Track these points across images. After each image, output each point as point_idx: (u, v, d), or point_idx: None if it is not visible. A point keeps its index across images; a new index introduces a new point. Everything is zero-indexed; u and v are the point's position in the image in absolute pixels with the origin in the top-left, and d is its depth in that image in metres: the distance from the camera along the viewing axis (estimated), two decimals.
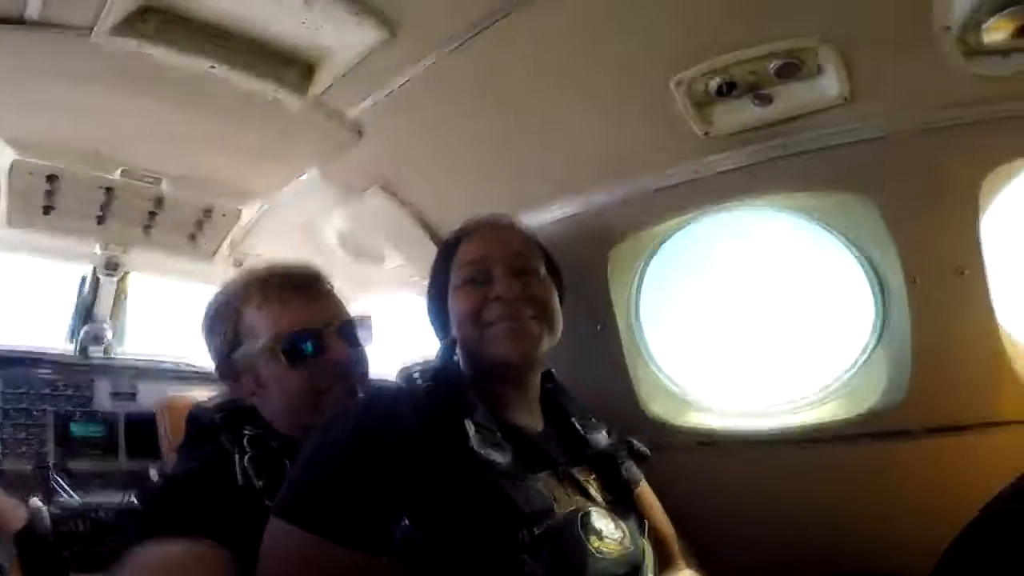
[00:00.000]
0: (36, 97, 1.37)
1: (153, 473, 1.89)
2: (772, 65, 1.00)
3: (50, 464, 1.81)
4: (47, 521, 1.65)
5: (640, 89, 1.15)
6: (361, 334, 1.07)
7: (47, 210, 1.83)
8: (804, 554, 1.28)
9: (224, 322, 1.03)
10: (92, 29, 1.11)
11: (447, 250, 1.06)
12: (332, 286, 1.10)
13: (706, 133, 1.16)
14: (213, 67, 1.23)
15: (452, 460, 0.81)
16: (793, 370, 1.43)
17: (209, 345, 1.07)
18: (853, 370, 1.31)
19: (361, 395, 1.02)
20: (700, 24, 0.99)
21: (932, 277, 1.12)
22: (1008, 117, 0.96)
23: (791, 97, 1.05)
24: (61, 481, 1.79)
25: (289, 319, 0.99)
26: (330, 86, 1.32)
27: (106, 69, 1.24)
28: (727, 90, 1.07)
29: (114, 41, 1.13)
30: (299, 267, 1.08)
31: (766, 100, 1.06)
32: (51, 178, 1.70)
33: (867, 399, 1.24)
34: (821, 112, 1.05)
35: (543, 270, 1.03)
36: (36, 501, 1.69)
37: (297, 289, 1.02)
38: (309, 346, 0.98)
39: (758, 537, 1.31)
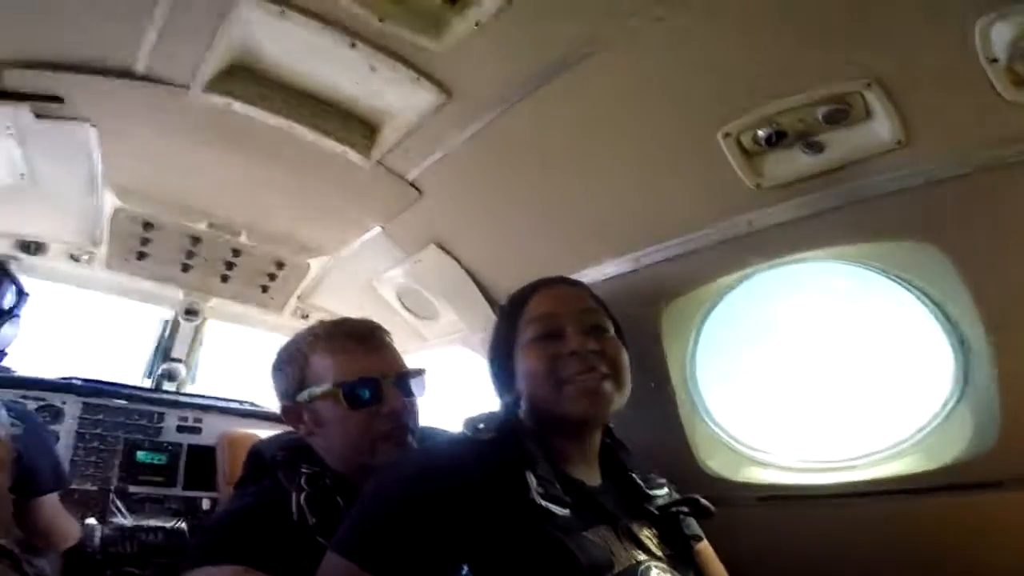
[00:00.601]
0: (138, 148, 1.54)
1: (205, 503, 1.95)
2: (820, 111, 0.99)
3: (112, 487, 1.89)
4: (98, 540, 1.73)
5: (687, 143, 1.16)
6: (415, 386, 1.12)
7: (141, 256, 2.02)
8: None
9: (292, 365, 1.11)
10: (189, 86, 1.27)
11: (514, 307, 1.07)
12: (391, 339, 1.17)
13: (758, 185, 1.15)
14: (292, 126, 1.36)
15: (512, 510, 0.82)
16: (862, 426, 1.33)
17: (276, 386, 1.14)
18: (932, 424, 1.19)
19: (412, 443, 1.06)
20: (743, 74, 1.01)
21: (1016, 323, 1.02)
22: None
23: (843, 143, 1.03)
24: (119, 503, 1.87)
25: (352, 367, 1.06)
26: (392, 147, 1.42)
27: (199, 124, 1.40)
28: (776, 139, 1.06)
29: (207, 97, 1.28)
30: (364, 321, 1.17)
31: (817, 148, 1.04)
32: (147, 226, 1.89)
33: (946, 454, 1.13)
34: (876, 157, 1.02)
35: (612, 329, 1.03)
36: (92, 520, 1.77)
37: (361, 340, 1.10)
38: (368, 393, 1.05)
39: None
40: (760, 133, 1.06)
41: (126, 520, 1.80)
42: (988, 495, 1.08)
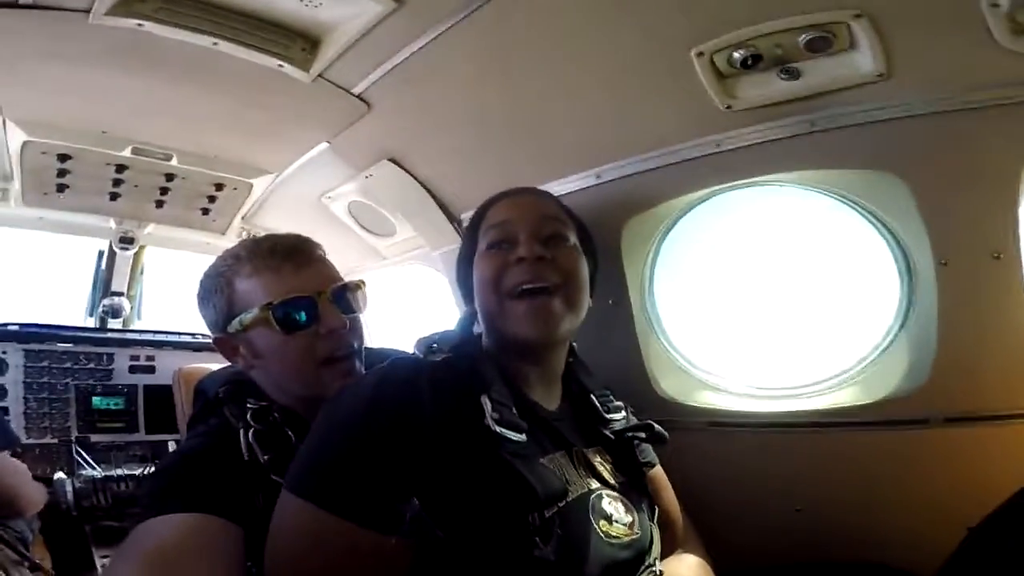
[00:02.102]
0: (40, 78, 1.37)
1: (171, 445, 1.94)
2: (802, 38, 0.94)
3: (72, 438, 1.85)
4: (70, 495, 1.70)
5: (659, 59, 1.09)
6: (356, 301, 1.04)
7: (61, 188, 1.85)
8: (811, 540, 1.28)
9: (217, 293, 1.01)
10: (89, 11, 1.09)
11: (477, 216, 1.03)
12: (324, 252, 1.07)
13: (728, 106, 1.11)
14: (216, 43, 1.22)
15: (466, 437, 0.79)
16: (810, 352, 1.39)
17: (205, 318, 1.05)
18: (874, 354, 1.27)
19: (360, 367, 1.01)
20: None
21: (964, 260, 1.07)
22: None
23: (821, 72, 0.99)
24: (84, 454, 1.83)
25: (281, 286, 0.96)
26: (335, 60, 1.29)
27: (106, 49, 1.23)
28: (753, 63, 1.00)
29: (112, 21, 1.11)
30: (289, 235, 1.05)
31: (794, 74, 1.00)
32: (63, 157, 1.72)
33: (886, 385, 1.21)
34: (853, 88, 0.99)
35: (573, 238, 0.99)
36: (60, 474, 1.75)
37: (287, 256, 0.99)
38: (302, 313, 0.96)
39: (765, 520, 1.30)
40: (736, 55, 1.00)
41: (95, 471, 1.77)
42: (914, 432, 1.16)
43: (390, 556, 0.75)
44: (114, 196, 1.95)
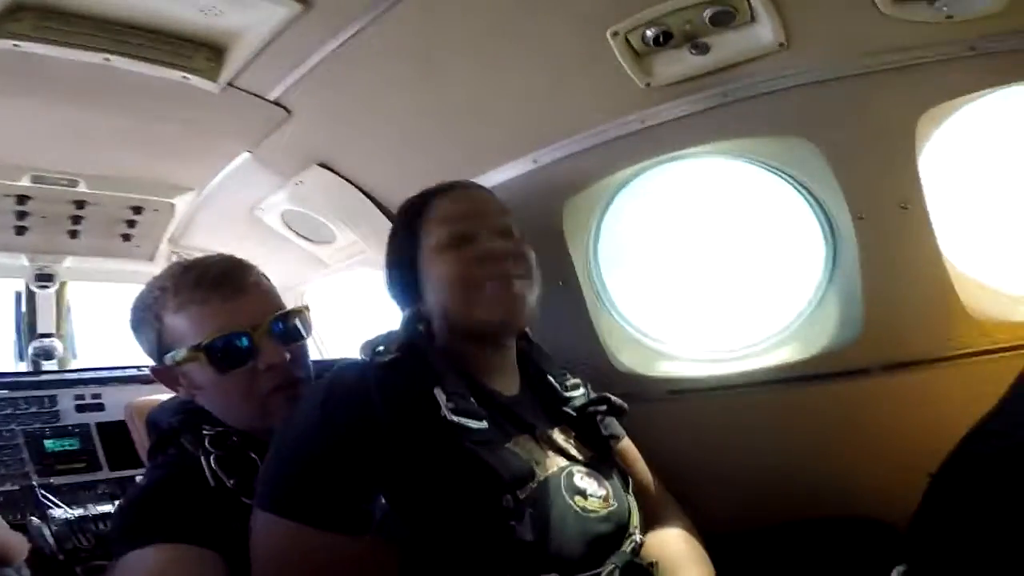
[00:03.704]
0: None
1: (140, 479, 1.87)
2: (706, 13, 0.96)
3: (34, 483, 1.76)
4: (51, 539, 1.63)
5: (578, 42, 1.10)
6: (296, 329, 0.98)
7: None
8: (777, 497, 1.32)
9: (146, 327, 0.95)
10: None
11: (413, 212, 0.99)
12: (259, 278, 1.00)
13: (648, 84, 1.13)
14: (108, 59, 1.13)
15: (425, 432, 0.79)
16: (753, 314, 1.45)
17: (140, 346, 0.99)
18: (807, 311, 1.33)
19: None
20: None
21: (877, 213, 1.13)
22: (938, 61, 0.96)
23: (728, 45, 1.02)
24: (50, 497, 1.75)
25: (211, 322, 0.90)
26: (244, 68, 1.22)
27: None
28: (664, 40, 1.02)
29: None
30: (217, 260, 0.98)
31: (703, 49, 1.03)
32: None
33: (823, 339, 1.27)
34: (758, 59, 1.03)
35: (518, 230, 1.00)
36: (35, 520, 1.67)
37: (214, 286, 0.92)
38: (237, 350, 0.91)
39: (734, 485, 1.34)
40: (649, 33, 1.01)
41: (67, 512, 1.70)
42: (858, 382, 1.23)
43: (373, 557, 0.76)
44: (20, 230, 1.80)
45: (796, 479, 1.30)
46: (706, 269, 1.56)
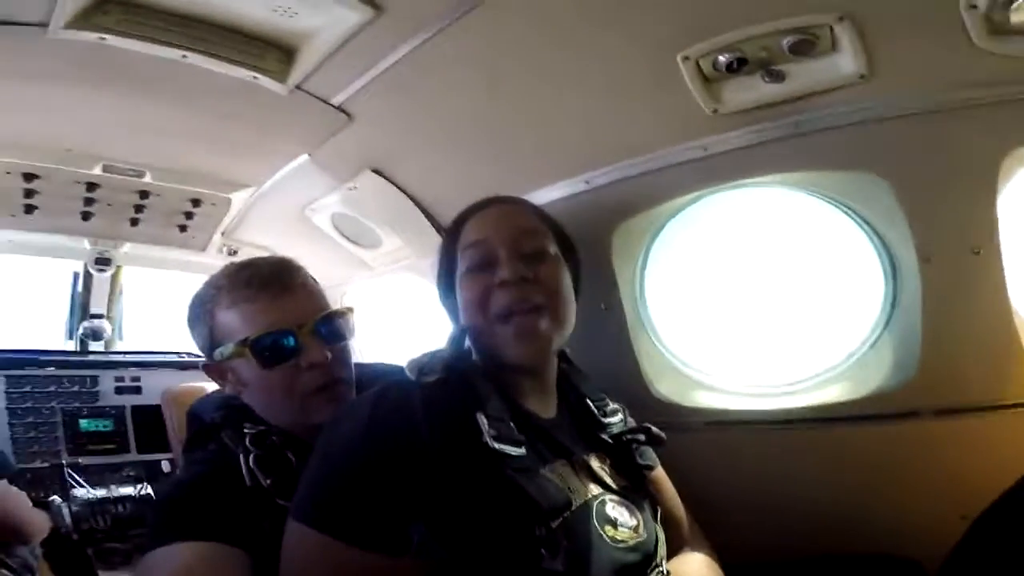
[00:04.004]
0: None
1: (165, 465, 1.92)
2: (786, 41, 0.94)
3: (64, 461, 1.81)
4: (68, 519, 1.68)
5: (645, 65, 1.09)
6: (340, 330, 1.01)
7: (29, 209, 1.79)
8: (814, 535, 1.29)
9: (200, 322, 1.00)
10: (47, 25, 1.05)
11: (452, 233, 1.01)
12: (306, 279, 1.03)
13: (715, 111, 1.10)
14: (185, 56, 1.17)
15: (465, 457, 0.79)
16: (802, 350, 1.40)
17: (194, 342, 1.04)
18: (861, 350, 1.29)
19: (349, 393, 1.00)
20: None
21: (947, 256, 1.08)
22: None
23: (805, 74, 0.99)
24: (76, 477, 1.80)
25: (259, 319, 0.94)
26: (313, 71, 1.25)
27: (67, 64, 1.18)
28: (738, 66, 1.00)
29: (72, 35, 1.07)
30: (269, 261, 1.03)
31: (778, 77, 1.00)
32: (28, 176, 1.66)
33: (874, 380, 1.22)
34: (836, 90, 1.00)
35: (553, 249, 0.98)
36: (56, 498, 1.72)
37: (264, 285, 0.96)
38: (281, 348, 0.94)
39: (767, 518, 1.31)
40: (722, 59, 0.99)
41: (90, 493, 1.74)
42: (907, 425, 1.18)
43: None
44: (86, 215, 1.88)
45: (830, 515, 1.28)
46: (754, 301, 1.52)
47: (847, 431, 1.24)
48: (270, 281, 0.97)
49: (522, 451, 0.82)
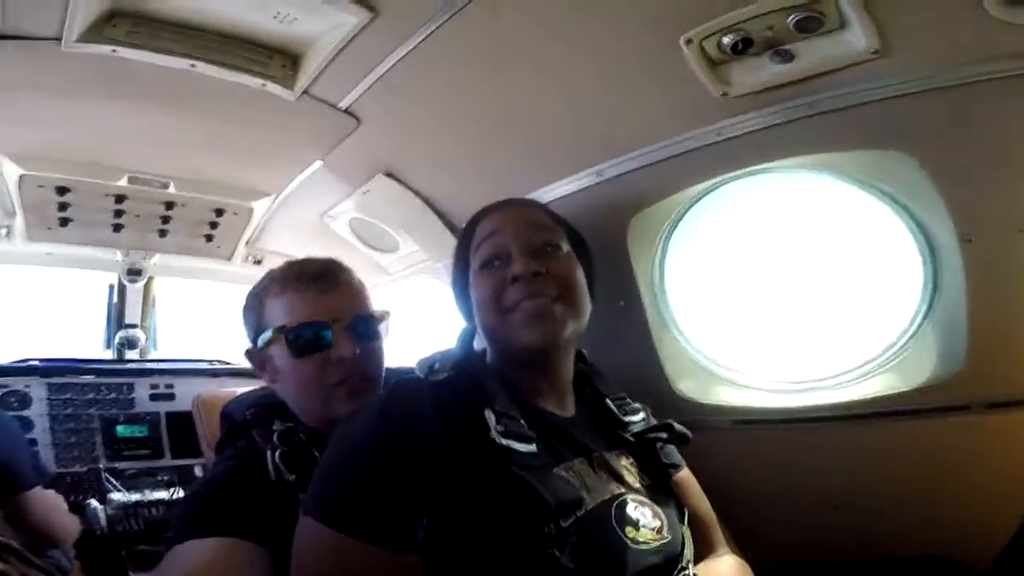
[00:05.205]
0: (23, 110, 1.38)
1: (198, 470, 1.97)
2: (791, 19, 0.89)
3: (101, 466, 1.88)
4: (103, 521, 1.74)
5: (649, 50, 1.05)
6: (374, 330, 1.04)
7: (64, 222, 1.87)
8: (852, 536, 1.23)
9: (251, 310, 1.05)
10: (61, 39, 1.09)
11: (466, 234, 1.01)
12: (352, 279, 1.07)
13: (725, 94, 1.06)
14: (193, 65, 1.21)
15: (473, 453, 0.78)
16: (834, 342, 1.33)
17: (245, 332, 1.09)
18: (902, 340, 1.21)
19: (376, 390, 1.01)
20: None
21: (989, 236, 1.01)
22: None
23: (815, 52, 0.94)
24: (113, 481, 1.87)
25: (299, 311, 0.98)
26: (318, 76, 1.27)
27: (83, 76, 1.23)
28: (743, 47, 0.95)
29: (84, 48, 1.11)
30: (320, 260, 1.07)
31: (787, 57, 0.95)
32: (61, 190, 1.73)
33: (919, 372, 1.15)
34: (850, 67, 0.94)
35: (565, 245, 0.96)
36: (93, 501, 1.78)
37: (313, 280, 1.01)
38: (313, 339, 0.97)
39: (801, 518, 1.25)
40: (726, 40, 0.95)
41: (125, 496, 1.80)
42: (955, 419, 1.11)
43: (407, 574, 0.75)
44: (117, 227, 1.97)
45: (870, 516, 1.22)
46: (781, 292, 1.44)
47: (887, 426, 1.17)
48: (319, 276, 1.02)
49: (531, 448, 0.81)
